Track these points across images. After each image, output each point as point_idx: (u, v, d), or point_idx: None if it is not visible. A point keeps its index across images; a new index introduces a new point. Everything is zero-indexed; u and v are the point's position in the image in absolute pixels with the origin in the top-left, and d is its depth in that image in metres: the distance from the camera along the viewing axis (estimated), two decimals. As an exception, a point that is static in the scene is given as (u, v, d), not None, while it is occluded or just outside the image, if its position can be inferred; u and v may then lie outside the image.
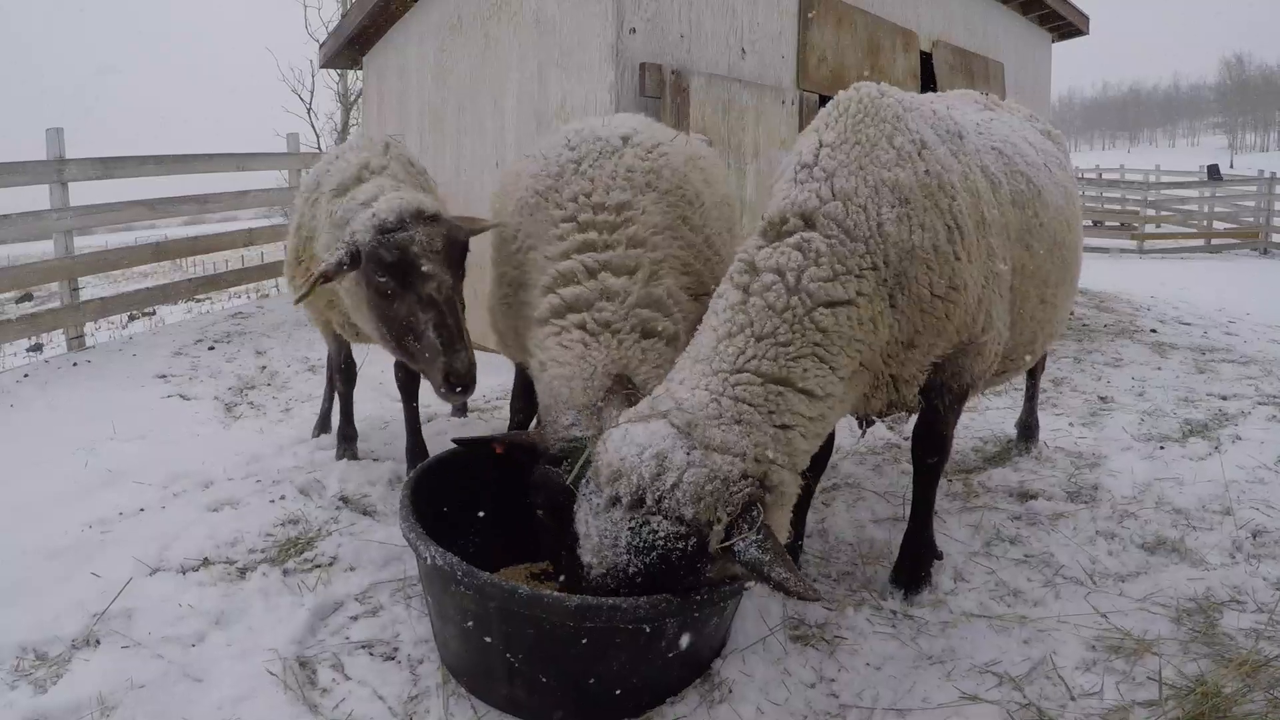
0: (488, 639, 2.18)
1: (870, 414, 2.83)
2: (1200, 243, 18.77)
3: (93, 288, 11.81)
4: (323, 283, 2.85)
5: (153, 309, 8.99)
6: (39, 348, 7.83)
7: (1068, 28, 10.19)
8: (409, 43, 7.65)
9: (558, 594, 2.08)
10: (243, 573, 2.95)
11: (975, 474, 4.08)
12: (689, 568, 1.99)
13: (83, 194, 6.87)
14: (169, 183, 8.17)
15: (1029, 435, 4.43)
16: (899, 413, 2.80)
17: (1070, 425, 4.82)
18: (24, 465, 3.96)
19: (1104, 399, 5.41)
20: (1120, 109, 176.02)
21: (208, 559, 3.02)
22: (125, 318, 9.08)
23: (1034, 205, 2.96)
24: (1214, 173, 28.29)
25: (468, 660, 2.33)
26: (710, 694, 2.32)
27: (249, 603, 2.74)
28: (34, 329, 6.77)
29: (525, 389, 3.20)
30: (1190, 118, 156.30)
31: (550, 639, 2.10)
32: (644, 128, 3.01)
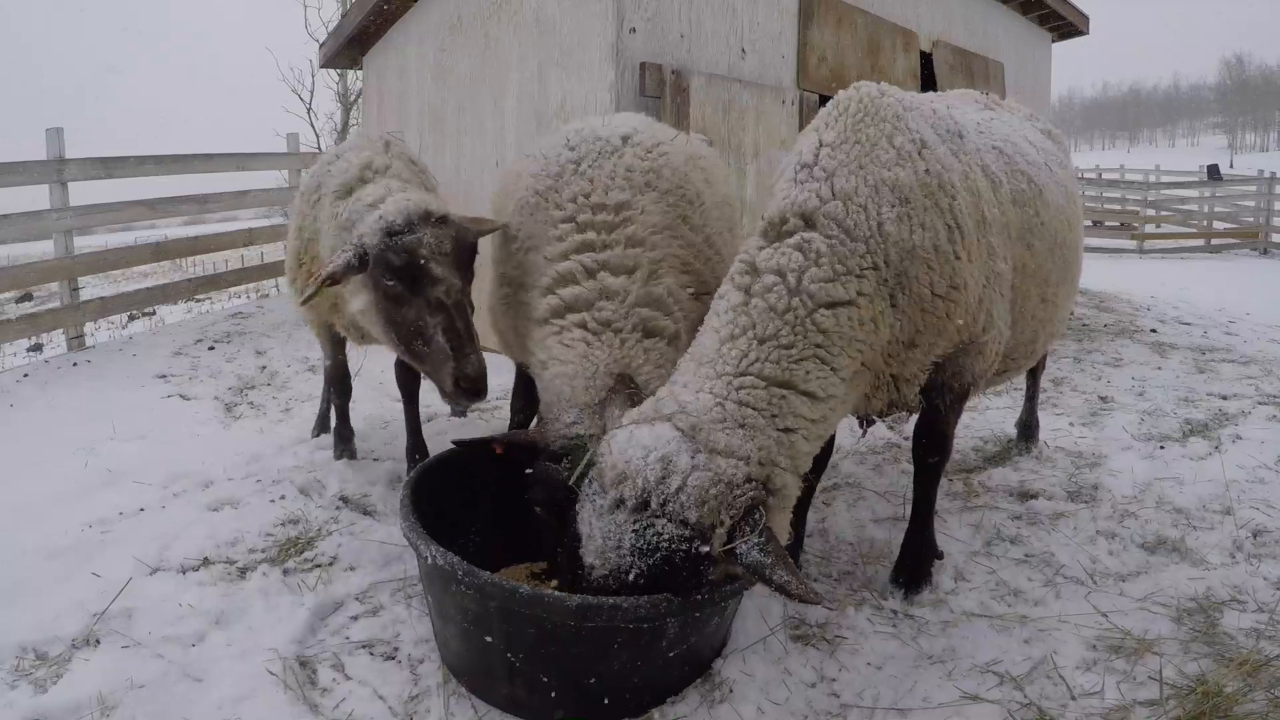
0: (488, 638, 2.18)
1: (871, 414, 2.83)
2: (1200, 243, 18.76)
3: (93, 288, 11.80)
4: (329, 285, 2.81)
5: (153, 309, 8.99)
6: (39, 348, 7.82)
7: (1068, 28, 10.19)
8: (409, 43, 7.64)
9: (559, 593, 2.08)
10: (243, 572, 2.95)
11: (976, 473, 4.08)
12: (691, 570, 1.99)
13: (83, 194, 6.88)
14: (169, 183, 8.18)
15: (1029, 435, 4.43)
16: (900, 412, 2.80)
17: (1070, 425, 4.82)
18: (24, 465, 3.96)
19: (1104, 399, 5.41)
20: (1120, 109, 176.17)
21: (208, 559, 3.02)
22: (125, 318, 9.07)
23: (1035, 204, 2.95)
24: (1214, 173, 28.28)
25: (468, 660, 2.33)
26: (711, 693, 2.32)
27: (249, 602, 2.74)
28: (34, 329, 6.77)
29: (525, 389, 3.20)
30: (1190, 118, 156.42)
31: (551, 638, 2.10)
32: (644, 127, 3.00)
